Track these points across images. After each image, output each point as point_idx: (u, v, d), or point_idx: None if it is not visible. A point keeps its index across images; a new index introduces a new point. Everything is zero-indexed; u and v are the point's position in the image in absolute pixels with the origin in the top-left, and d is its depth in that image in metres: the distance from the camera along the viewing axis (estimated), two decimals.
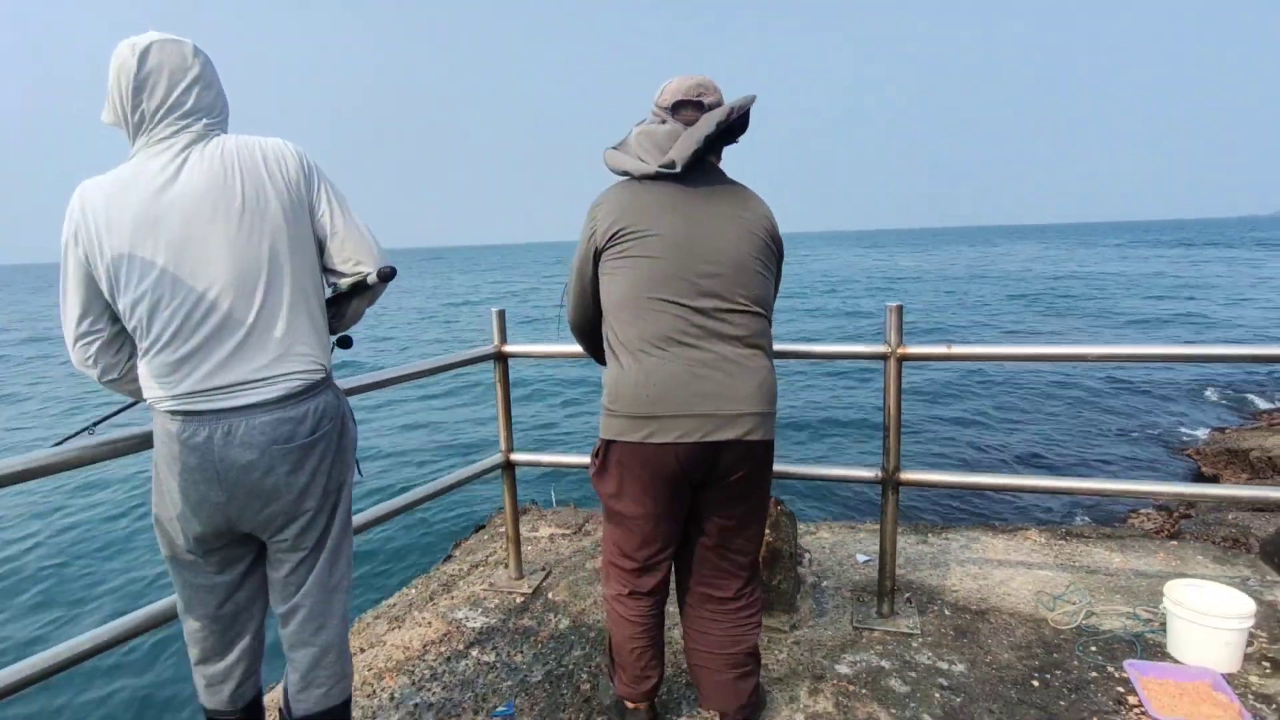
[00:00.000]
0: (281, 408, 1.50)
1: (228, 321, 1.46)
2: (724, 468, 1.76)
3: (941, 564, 3.08)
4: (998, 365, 11.83)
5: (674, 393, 1.71)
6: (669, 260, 1.74)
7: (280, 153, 1.52)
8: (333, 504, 1.62)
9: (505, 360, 2.91)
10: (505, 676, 2.40)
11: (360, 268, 1.60)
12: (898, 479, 2.56)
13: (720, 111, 1.77)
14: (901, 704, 2.17)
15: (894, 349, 2.46)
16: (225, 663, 1.67)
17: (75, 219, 1.47)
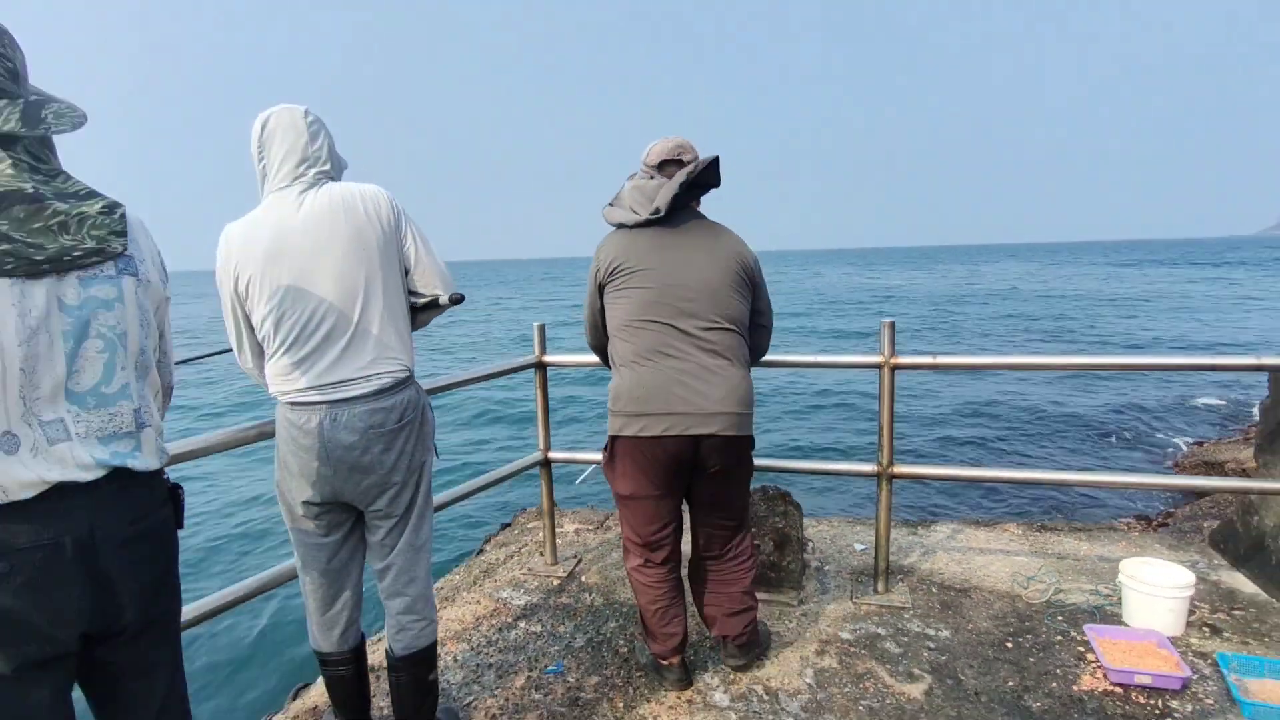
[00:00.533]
0: (376, 399, 1.87)
1: (335, 331, 1.84)
2: (703, 457, 2.17)
3: (930, 551, 3.46)
4: (985, 374, 12.40)
5: (659, 395, 2.12)
6: (656, 289, 2.16)
7: (375, 198, 1.91)
8: (416, 478, 1.99)
9: (544, 369, 3.30)
10: (551, 643, 2.76)
11: (435, 291, 1.99)
12: (891, 472, 2.95)
13: (685, 171, 2.18)
14: (895, 661, 2.54)
15: (887, 359, 2.86)
16: (334, 610, 2.04)
17: (222, 255, 1.85)
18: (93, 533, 1.23)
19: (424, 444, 2.02)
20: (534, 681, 2.51)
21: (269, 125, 1.81)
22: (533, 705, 2.38)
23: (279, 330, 1.83)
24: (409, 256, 1.97)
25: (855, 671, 2.49)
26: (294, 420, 1.86)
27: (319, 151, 1.87)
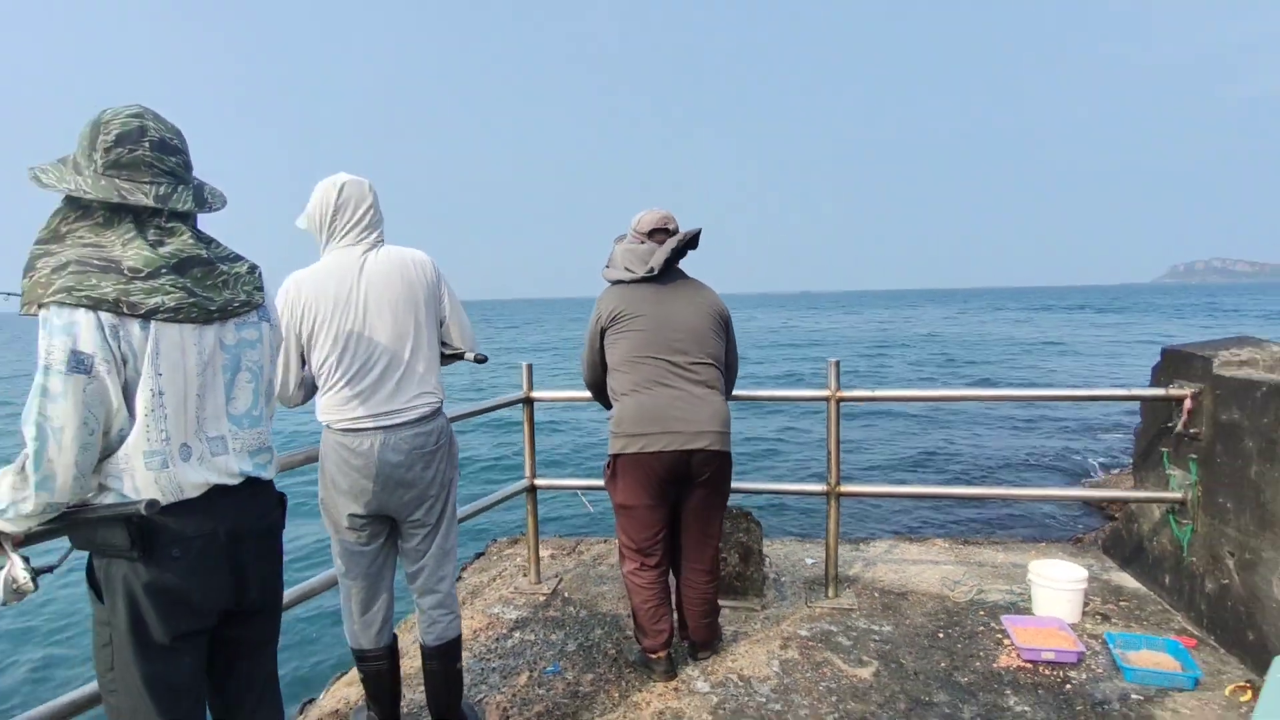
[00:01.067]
0: (419, 425, 2.23)
1: (389, 369, 2.20)
2: (694, 469, 2.60)
3: (871, 562, 3.93)
4: (916, 405, 13.43)
5: (658, 417, 2.55)
6: (651, 332, 2.61)
7: (423, 262, 2.29)
8: (446, 492, 2.34)
9: (532, 404, 3.66)
10: (546, 649, 3.08)
11: (460, 348, 2.37)
12: (839, 491, 3.41)
13: (676, 239, 2.67)
14: (847, 651, 2.97)
15: (834, 392, 3.34)
16: (373, 611, 2.34)
17: (290, 299, 2.18)
18: (236, 527, 1.56)
19: (453, 463, 2.37)
20: (535, 680, 2.83)
21: (344, 193, 2.17)
22: (537, 699, 2.70)
23: (340, 366, 2.16)
24: (444, 312, 2.35)
25: (814, 660, 2.90)
26: (347, 444, 2.18)
27: (377, 219, 2.24)
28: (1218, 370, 2.99)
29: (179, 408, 1.45)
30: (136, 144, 1.46)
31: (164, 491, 1.43)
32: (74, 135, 1.50)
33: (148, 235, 1.47)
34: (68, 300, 1.33)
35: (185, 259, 1.49)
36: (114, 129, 1.45)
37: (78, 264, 1.37)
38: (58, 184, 1.43)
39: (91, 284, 1.35)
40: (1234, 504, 2.87)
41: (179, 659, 1.51)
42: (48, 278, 1.36)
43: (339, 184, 2.18)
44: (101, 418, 1.37)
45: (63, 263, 1.37)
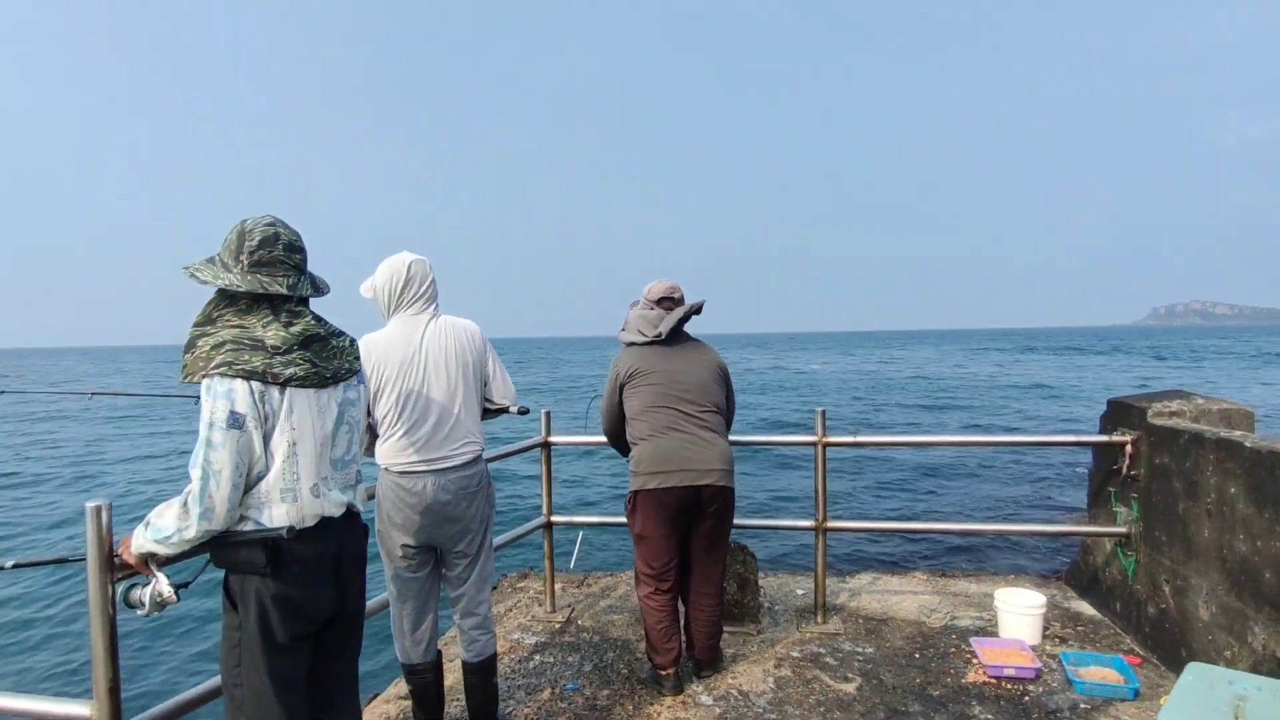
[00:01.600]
0: (464, 470, 2.62)
1: (440, 421, 2.60)
2: (704, 502, 3.01)
3: (856, 593, 4.31)
4: (895, 450, 13.94)
5: (673, 457, 2.97)
6: (663, 385, 3.06)
7: (472, 330, 2.71)
8: (485, 527, 2.72)
9: (549, 448, 4.06)
10: (565, 669, 3.42)
11: (505, 403, 2.78)
12: (826, 526, 3.81)
13: (683, 309, 3.16)
14: (833, 670, 3.34)
15: (820, 438, 3.77)
16: (421, 630, 2.70)
17: (362, 359, 2.59)
18: (339, 550, 1.95)
19: (490, 502, 2.76)
20: (557, 695, 3.18)
21: (411, 270, 2.60)
22: (560, 711, 3.04)
23: (400, 418, 2.56)
24: (489, 373, 2.76)
25: (804, 677, 3.27)
26: (403, 484, 2.57)
27: (435, 293, 2.67)
28: (1151, 420, 3.44)
29: (306, 455, 1.86)
30: (272, 247, 1.89)
31: (293, 521, 1.82)
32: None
33: (281, 318, 1.88)
34: (228, 372, 1.74)
35: (309, 336, 1.91)
36: (256, 235, 1.88)
37: (232, 343, 1.78)
38: (213, 280, 1.86)
39: (245, 359, 1.76)
40: (1167, 537, 3.29)
41: (295, 656, 1.89)
42: (208, 354, 1.77)
43: (407, 262, 2.61)
44: (248, 463, 1.77)
45: (219, 342, 1.79)
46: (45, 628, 6.68)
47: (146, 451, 17.98)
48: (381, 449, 2.62)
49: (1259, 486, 2.69)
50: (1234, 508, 2.83)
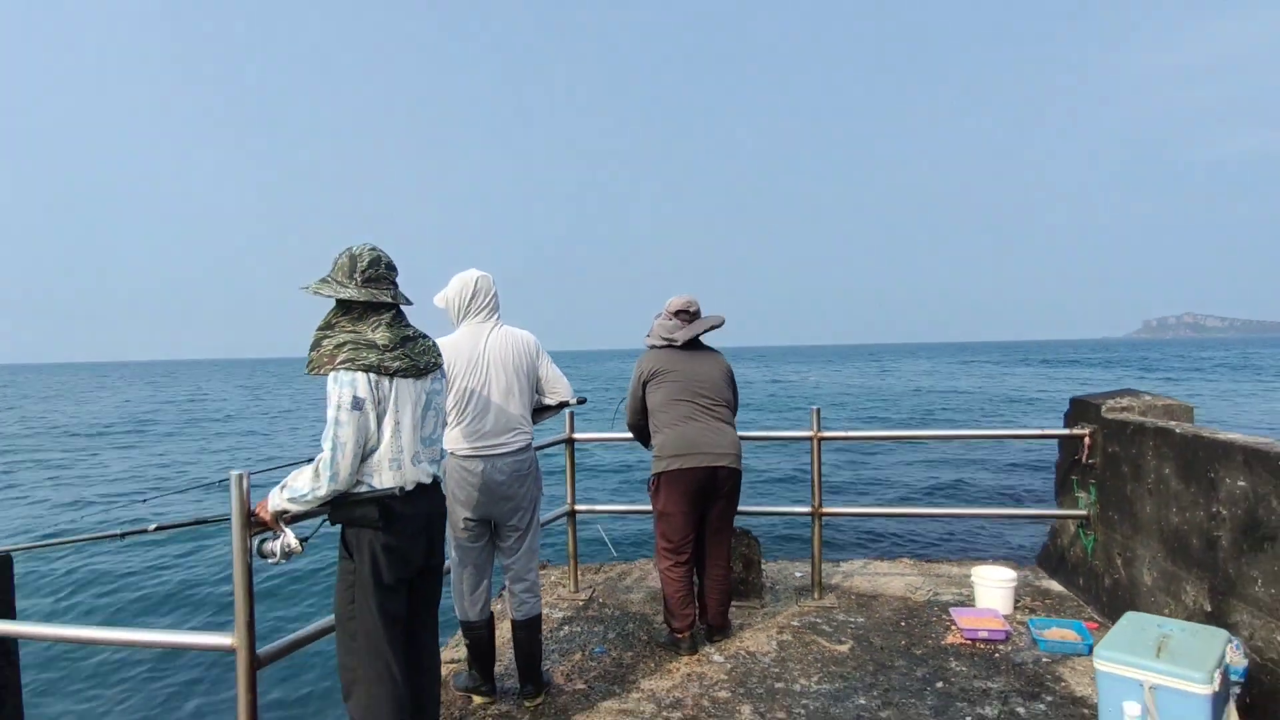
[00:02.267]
0: (516, 455, 3.09)
1: (497, 414, 3.06)
2: (719, 483, 3.48)
3: (849, 575, 4.77)
4: (890, 443, 14.95)
5: (692, 442, 3.44)
6: (683, 382, 3.53)
7: (528, 339, 3.18)
8: (534, 505, 3.18)
9: (573, 444, 4.52)
10: (591, 636, 3.87)
11: (562, 398, 3.25)
12: (821, 512, 4.28)
13: (703, 323, 3.64)
14: (829, 635, 3.79)
15: (816, 433, 4.24)
16: (478, 591, 3.14)
17: (360, 366, 3.05)
18: (430, 511, 2.42)
19: (539, 484, 3.22)
20: (587, 656, 3.63)
21: (478, 284, 3.07)
22: (591, 668, 3.49)
23: (464, 409, 3.02)
24: (543, 374, 3.22)
25: (803, 641, 3.73)
26: (465, 466, 3.03)
27: (497, 304, 3.14)
28: (1105, 414, 3.93)
29: (406, 432, 2.33)
30: (378, 267, 2.37)
31: (399, 485, 2.29)
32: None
33: (385, 323, 2.36)
34: (351, 366, 2.22)
35: (405, 337, 2.39)
36: (365, 258, 2.36)
37: (351, 344, 2.26)
38: (333, 294, 2.33)
39: (363, 356, 2.24)
40: (1119, 516, 3.77)
41: (397, 596, 2.35)
42: (332, 352, 2.25)
43: (475, 278, 3.09)
44: (364, 438, 2.24)
45: (340, 342, 2.26)
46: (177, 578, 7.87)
47: None
48: (448, 435, 3.07)
49: (1186, 466, 3.18)
50: (1168, 485, 3.32)
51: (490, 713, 3.13)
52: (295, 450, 19.08)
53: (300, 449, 19.48)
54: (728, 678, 3.35)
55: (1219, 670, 2.46)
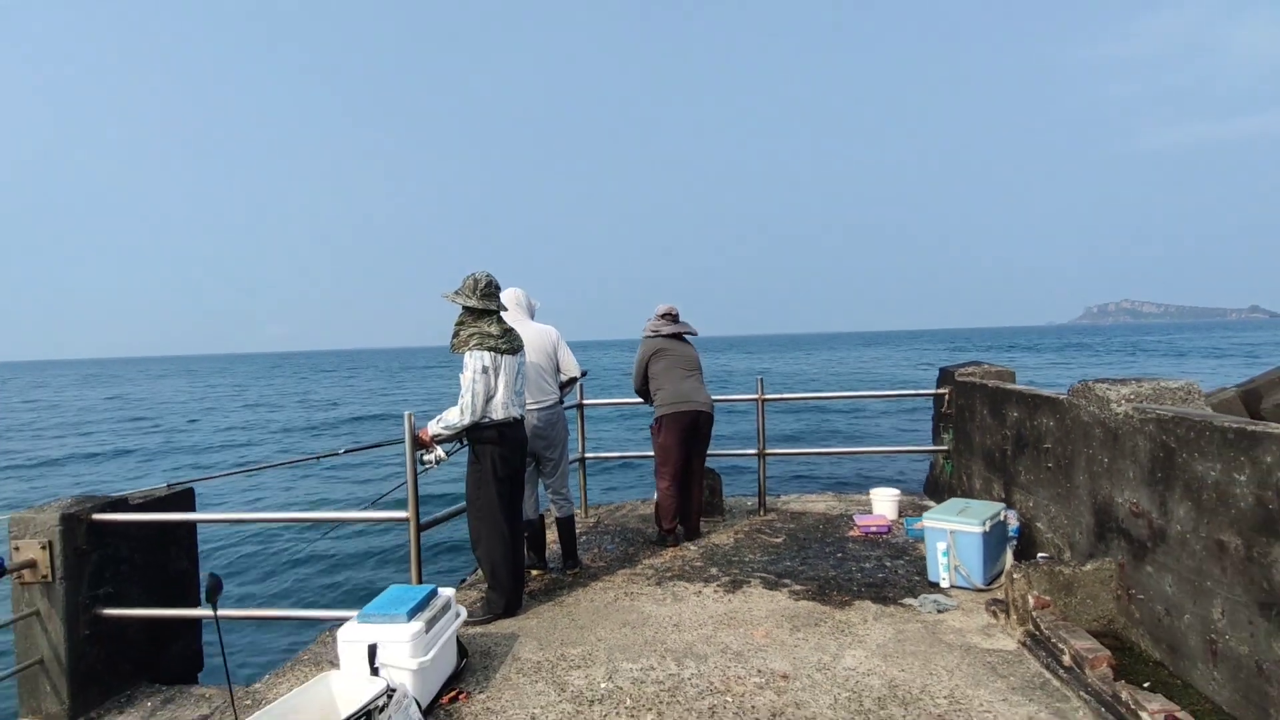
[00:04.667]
0: (548, 410, 4.66)
1: (535, 382, 4.62)
2: (700, 425, 5.10)
3: (786, 503, 6.46)
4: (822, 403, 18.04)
5: (683, 394, 5.07)
6: (676, 358, 5.16)
7: (552, 332, 4.74)
8: (563, 443, 4.75)
9: (583, 408, 6.09)
10: (603, 539, 5.46)
11: (573, 374, 4.82)
12: (765, 453, 5.94)
13: (683, 326, 5.25)
14: (769, 534, 5.45)
15: (760, 396, 5.89)
16: (530, 500, 4.69)
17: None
18: (521, 434, 3.99)
19: (565, 430, 4.78)
20: (604, 551, 5.21)
21: (520, 296, 4.61)
22: (606, 555, 5.08)
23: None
24: (560, 358, 4.77)
25: (752, 537, 5.37)
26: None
27: (532, 308, 4.69)
28: (958, 378, 5.66)
29: (506, 387, 3.88)
30: (490, 287, 3.92)
31: (507, 417, 3.85)
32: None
33: (495, 321, 3.90)
34: (480, 347, 3.77)
35: (505, 331, 3.94)
36: (484, 281, 3.90)
37: (478, 334, 3.80)
38: (464, 302, 3.87)
39: (487, 341, 3.79)
40: (964, 446, 5.50)
41: (505, 485, 3.91)
42: (466, 339, 3.79)
43: (520, 292, 4.64)
44: (488, 390, 3.79)
45: (471, 333, 3.81)
46: None
47: None
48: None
49: (993, 408, 4.91)
50: (986, 421, 5.05)
51: (545, 580, 4.70)
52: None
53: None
54: (700, 556, 4.98)
55: (991, 521, 4.17)
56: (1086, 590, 3.45)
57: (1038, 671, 3.13)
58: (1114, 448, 3.42)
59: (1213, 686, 2.79)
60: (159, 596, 3.84)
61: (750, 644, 3.51)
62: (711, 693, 3.05)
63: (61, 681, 3.47)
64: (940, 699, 2.93)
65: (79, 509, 3.56)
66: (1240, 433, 2.61)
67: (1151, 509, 3.14)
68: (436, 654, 2.99)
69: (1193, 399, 3.39)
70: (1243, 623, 2.61)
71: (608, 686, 3.14)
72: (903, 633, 3.59)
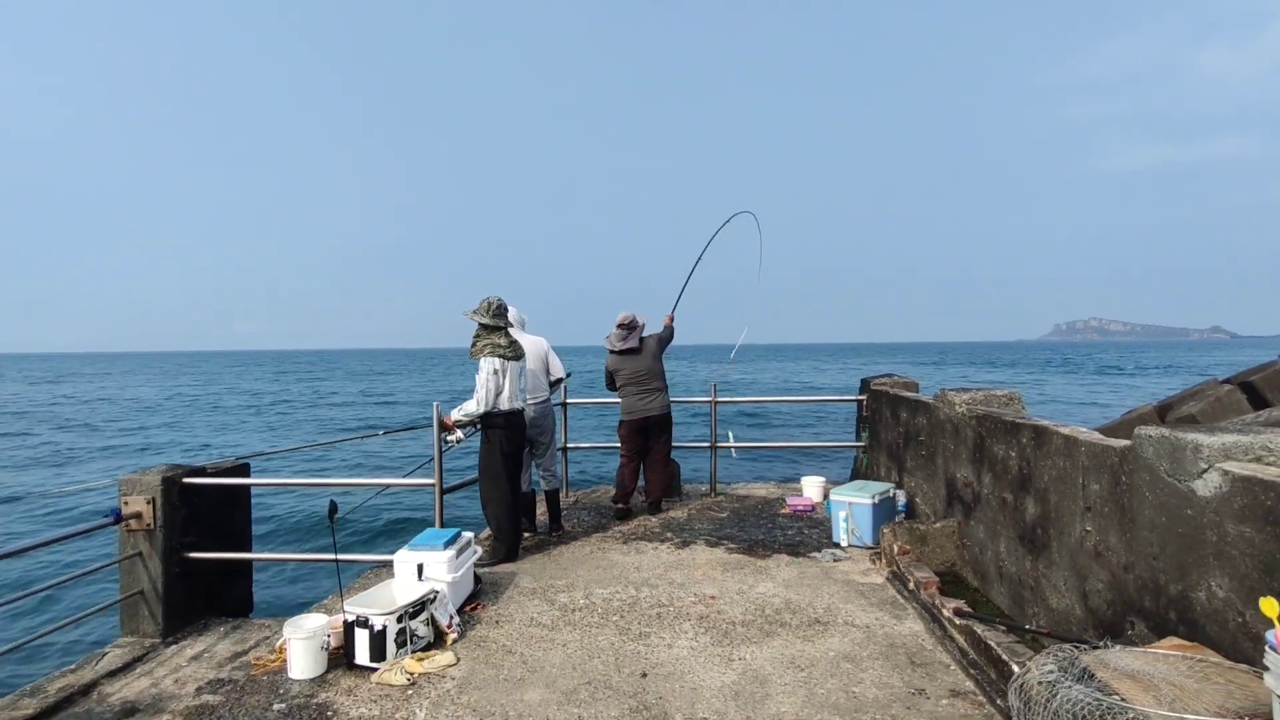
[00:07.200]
0: (541, 404, 5.89)
1: (533, 384, 5.84)
2: (651, 425, 6.36)
3: (735, 489, 7.71)
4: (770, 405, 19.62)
5: (631, 408, 6.34)
6: (627, 374, 6.41)
7: (543, 341, 5.98)
8: (552, 431, 5.99)
9: (566, 406, 7.30)
10: (582, 513, 6.66)
11: (560, 375, 6.05)
12: (716, 445, 7.19)
13: (634, 336, 6.46)
14: (716, 511, 6.70)
15: (713, 399, 7.14)
16: (525, 475, 5.90)
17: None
18: (521, 421, 5.21)
19: (554, 420, 6.01)
20: (581, 521, 6.41)
21: (514, 314, 5.81)
22: (584, 524, 6.29)
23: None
24: (550, 363, 6.00)
25: (703, 513, 6.61)
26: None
27: (524, 321, 5.91)
28: (873, 387, 6.96)
29: (511, 385, 5.10)
30: (500, 307, 5.14)
31: (511, 408, 5.06)
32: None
33: (503, 334, 5.11)
34: (491, 354, 4.98)
35: (510, 342, 5.15)
36: (495, 303, 5.12)
37: (490, 345, 5.02)
38: (479, 320, 5.08)
39: (497, 350, 5.00)
40: (876, 442, 6.80)
41: (509, 460, 5.12)
42: (480, 348, 5.01)
43: (516, 310, 5.84)
44: (497, 387, 5.00)
45: (484, 344, 5.03)
46: None
47: None
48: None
49: (892, 410, 6.21)
50: (888, 421, 6.35)
51: (535, 540, 5.88)
52: None
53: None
54: (659, 525, 6.21)
55: (880, 496, 5.44)
56: (936, 542, 4.73)
57: (892, 595, 4.40)
58: (956, 438, 4.71)
59: (1000, 597, 4.07)
60: (225, 546, 4.91)
61: (691, 579, 4.75)
62: (659, 605, 4.28)
63: (157, 609, 4.56)
64: (820, 609, 4.18)
65: (174, 474, 4.68)
66: (1013, 425, 3.90)
67: (974, 480, 4.43)
68: (463, 575, 4.19)
69: (1013, 403, 4.68)
70: (1013, 552, 3.90)
71: (585, 602, 4.36)
72: (804, 573, 4.84)
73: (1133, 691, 2.10)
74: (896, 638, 3.77)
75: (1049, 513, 3.49)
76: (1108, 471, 2.97)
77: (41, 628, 3.93)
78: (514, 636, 3.88)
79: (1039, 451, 3.58)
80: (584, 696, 3.20)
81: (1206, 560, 2.42)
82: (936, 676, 3.32)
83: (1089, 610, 3.14)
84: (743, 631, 3.88)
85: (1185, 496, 2.52)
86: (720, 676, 3.37)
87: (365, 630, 3.45)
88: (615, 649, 3.69)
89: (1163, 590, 2.64)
